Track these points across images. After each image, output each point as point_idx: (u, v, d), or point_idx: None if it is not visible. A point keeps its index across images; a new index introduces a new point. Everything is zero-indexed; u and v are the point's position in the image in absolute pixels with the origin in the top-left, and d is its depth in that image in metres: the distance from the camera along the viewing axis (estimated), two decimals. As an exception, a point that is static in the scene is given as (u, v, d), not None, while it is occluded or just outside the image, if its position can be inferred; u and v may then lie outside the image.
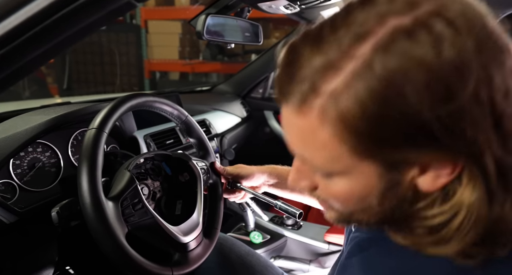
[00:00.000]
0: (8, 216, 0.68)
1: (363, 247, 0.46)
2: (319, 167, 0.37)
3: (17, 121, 0.76)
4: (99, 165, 0.58)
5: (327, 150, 0.34)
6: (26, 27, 0.39)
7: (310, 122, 0.33)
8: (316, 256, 1.32)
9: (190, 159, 0.79)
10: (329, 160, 0.35)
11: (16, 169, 0.77)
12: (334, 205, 0.41)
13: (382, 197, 0.36)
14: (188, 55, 4.44)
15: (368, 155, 0.33)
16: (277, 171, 0.86)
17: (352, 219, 0.41)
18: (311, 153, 0.36)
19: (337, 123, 0.32)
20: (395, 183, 0.35)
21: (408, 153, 0.32)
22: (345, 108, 0.31)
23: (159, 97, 0.74)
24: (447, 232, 0.34)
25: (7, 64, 0.41)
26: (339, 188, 0.37)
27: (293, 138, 0.37)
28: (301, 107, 0.33)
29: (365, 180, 0.35)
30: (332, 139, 0.33)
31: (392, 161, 0.33)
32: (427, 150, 0.31)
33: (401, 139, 0.31)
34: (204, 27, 0.98)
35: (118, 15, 0.45)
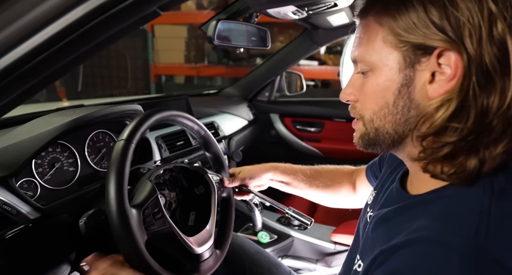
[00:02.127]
0: (32, 212, 0.71)
1: (387, 218, 0.51)
2: (364, 59, 0.49)
3: (40, 123, 0.80)
4: (126, 175, 0.61)
5: (371, 41, 0.47)
6: (63, 35, 0.42)
7: (368, 22, 0.48)
8: (323, 256, 1.34)
9: (206, 173, 0.82)
10: (372, 50, 0.47)
11: (38, 168, 0.80)
12: (362, 111, 0.51)
13: (398, 93, 0.46)
14: (193, 59, 4.49)
15: (395, 45, 0.45)
16: (280, 168, 0.91)
17: (373, 131, 0.50)
18: (363, 48, 0.49)
19: (381, 18, 0.46)
20: (410, 79, 0.45)
21: (422, 39, 0.42)
22: (388, 9, 0.45)
23: (181, 112, 0.77)
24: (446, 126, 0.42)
25: (46, 68, 0.44)
26: (370, 83, 0.49)
27: (356, 42, 0.51)
28: (367, 13, 0.48)
29: (389, 73, 0.46)
30: (377, 31, 0.47)
31: (411, 52, 0.44)
32: (440, 38, 0.41)
33: (420, 27, 0.42)
34: (215, 33, 1.01)
35: (144, 22, 0.48)
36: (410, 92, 0.45)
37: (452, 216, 0.40)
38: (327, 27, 1.55)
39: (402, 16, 0.44)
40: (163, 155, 1.19)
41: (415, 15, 0.43)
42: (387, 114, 0.48)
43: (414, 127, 0.46)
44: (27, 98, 0.51)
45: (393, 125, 0.48)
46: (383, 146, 0.51)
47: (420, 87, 0.45)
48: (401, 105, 0.46)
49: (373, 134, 0.50)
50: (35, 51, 0.43)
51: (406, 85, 0.45)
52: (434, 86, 0.44)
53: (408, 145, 0.49)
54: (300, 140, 1.99)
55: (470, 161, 0.42)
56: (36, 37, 0.42)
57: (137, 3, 0.43)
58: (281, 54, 1.84)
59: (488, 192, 0.40)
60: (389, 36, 0.45)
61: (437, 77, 0.43)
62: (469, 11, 0.40)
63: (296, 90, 1.99)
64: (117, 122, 0.98)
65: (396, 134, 0.48)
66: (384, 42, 0.46)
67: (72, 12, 0.41)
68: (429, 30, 0.42)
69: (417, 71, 0.45)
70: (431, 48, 0.43)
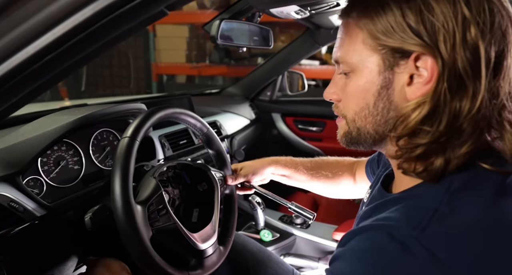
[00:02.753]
0: (39, 209, 0.72)
1: (365, 215, 0.52)
2: (345, 60, 0.50)
3: (45, 121, 0.81)
4: (131, 172, 0.62)
5: (352, 43, 0.48)
6: (71, 35, 0.43)
7: (348, 23, 0.49)
8: (325, 254, 1.35)
9: (209, 170, 0.83)
10: (352, 51, 0.48)
11: (44, 166, 0.81)
12: (345, 110, 0.52)
13: (378, 95, 0.47)
14: (195, 59, 4.50)
15: (375, 48, 0.46)
16: (281, 162, 0.92)
17: (355, 131, 0.51)
18: (344, 49, 0.50)
19: (360, 21, 0.47)
20: (389, 82, 0.46)
21: (400, 43, 0.43)
22: (367, 11, 0.46)
23: (184, 109, 0.78)
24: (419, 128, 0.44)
25: (53, 67, 0.45)
26: (351, 84, 0.50)
27: (338, 42, 0.52)
28: (348, 14, 0.49)
29: (369, 75, 0.47)
30: (356, 34, 0.48)
31: (390, 55, 0.45)
32: (416, 42, 0.42)
33: (397, 30, 0.43)
34: (218, 32, 1.02)
35: (151, 22, 0.49)
36: (390, 94, 0.47)
37: (409, 210, 0.43)
38: (329, 26, 1.55)
39: (380, 19, 0.45)
40: (166, 154, 1.20)
41: (392, 19, 0.44)
42: (367, 115, 0.49)
43: (393, 128, 0.48)
44: (34, 97, 0.52)
45: (374, 126, 0.49)
46: (365, 144, 0.52)
47: (399, 89, 0.46)
48: (381, 107, 0.48)
49: (355, 133, 0.52)
50: (43, 51, 0.44)
51: (386, 87, 0.47)
52: (412, 89, 0.45)
53: (388, 143, 0.51)
54: (301, 139, 2.00)
55: (437, 160, 0.43)
56: (45, 37, 0.43)
57: (144, 3, 0.43)
58: (283, 53, 1.85)
59: (445, 190, 0.42)
60: (368, 39, 0.46)
61: (415, 79, 0.45)
62: (444, 16, 0.41)
63: (298, 89, 2.00)
64: (121, 121, 0.99)
65: (376, 134, 0.50)
66: (364, 44, 0.47)
67: (81, 13, 0.42)
68: (406, 34, 0.43)
69: (396, 73, 0.46)
70: (409, 52, 0.44)
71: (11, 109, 0.52)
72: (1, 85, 0.46)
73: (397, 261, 0.38)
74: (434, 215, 0.40)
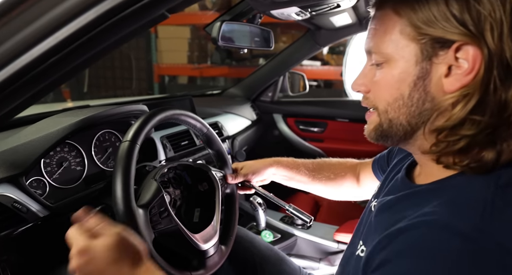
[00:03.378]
0: (42, 210, 0.73)
1: (390, 205, 0.52)
2: (379, 50, 0.49)
3: (48, 123, 0.82)
4: (132, 175, 0.63)
5: (388, 32, 0.47)
6: (74, 38, 0.44)
7: (385, 13, 0.48)
8: (326, 255, 1.35)
9: (210, 170, 0.83)
10: (388, 41, 0.47)
11: (47, 167, 0.82)
12: (376, 101, 0.51)
13: (414, 86, 0.46)
14: (196, 60, 4.51)
15: (413, 37, 0.45)
16: (283, 162, 0.91)
17: (386, 123, 0.50)
18: (379, 39, 0.49)
19: (399, 9, 0.46)
20: (426, 72, 0.45)
21: (442, 32, 0.42)
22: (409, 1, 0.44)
23: (184, 110, 0.78)
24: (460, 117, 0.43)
25: (57, 70, 0.46)
26: (384, 75, 0.49)
27: (370, 33, 0.51)
28: (384, 3, 0.48)
29: (405, 65, 0.46)
30: (394, 23, 0.46)
31: (429, 45, 0.44)
32: (459, 32, 0.41)
33: (440, 20, 0.42)
34: (219, 34, 1.02)
35: (152, 25, 0.50)
36: (426, 85, 0.46)
37: (458, 203, 0.41)
38: (330, 27, 1.56)
39: (422, 8, 0.44)
40: (168, 155, 1.21)
41: (435, 8, 0.43)
42: (401, 106, 0.48)
43: (427, 120, 0.47)
44: (38, 99, 0.53)
45: (407, 117, 0.48)
46: (394, 138, 0.51)
47: (436, 81, 0.45)
48: (416, 97, 0.47)
49: (387, 125, 0.51)
50: (47, 53, 0.44)
51: (422, 78, 0.46)
52: (450, 80, 0.44)
53: (419, 137, 0.49)
54: (303, 140, 2.00)
55: (488, 153, 0.42)
56: (49, 40, 0.44)
57: (146, 6, 0.44)
58: (284, 54, 1.86)
59: (494, 184, 0.41)
60: (407, 28, 0.45)
61: (453, 71, 0.44)
62: (491, 5, 0.40)
63: (299, 90, 2.00)
64: (123, 122, 0.99)
65: (409, 126, 0.49)
66: (402, 34, 0.46)
67: (83, 16, 0.42)
68: (449, 24, 0.42)
69: (434, 64, 0.45)
70: (450, 41, 0.43)
71: (15, 111, 0.52)
72: (6, 87, 0.47)
73: (464, 255, 0.36)
74: (492, 207, 0.39)
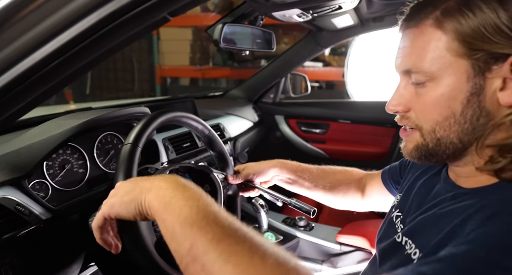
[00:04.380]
0: (44, 213, 0.73)
1: (441, 200, 0.50)
2: (422, 69, 0.46)
3: (51, 125, 0.82)
4: (133, 177, 0.63)
5: (431, 50, 0.45)
6: (77, 41, 0.44)
7: (424, 29, 0.45)
8: (328, 257, 1.34)
9: (212, 171, 0.83)
10: (432, 59, 0.45)
11: (49, 170, 0.82)
12: (420, 121, 0.49)
13: (467, 102, 0.44)
14: (198, 61, 4.52)
15: (462, 53, 0.43)
16: (286, 165, 0.89)
17: (433, 142, 0.48)
18: (419, 57, 0.46)
19: (443, 24, 0.44)
20: (480, 88, 0.43)
21: (498, 47, 0.41)
22: (450, 12, 0.43)
23: (185, 112, 0.78)
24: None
25: (60, 73, 0.46)
26: (431, 94, 0.46)
27: (406, 51, 0.48)
28: (421, 20, 0.46)
29: (455, 82, 0.44)
30: (438, 39, 0.44)
31: (482, 61, 0.42)
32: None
33: (493, 33, 0.40)
34: (221, 36, 1.03)
35: (154, 28, 0.50)
36: (480, 101, 0.44)
37: None
38: (331, 29, 1.56)
39: (469, 22, 0.42)
40: (170, 157, 1.21)
41: (486, 21, 0.41)
42: (452, 124, 0.46)
43: (481, 136, 0.45)
44: (41, 102, 0.53)
45: (459, 134, 0.46)
46: (441, 156, 0.49)
47: (490, 95, 0.43)
48: (470, 114, 0.44)
49: (433, 145, 0.48)
50: (50, 57, 0.45)
51: (476, 94, 0.44)
52: (507, 93, 0.42)
53: (470, 153, 0.47)
54: (305, 141, 2.00)
55: None
56: (51, 44, 0.44)
57: (147, 10, 0.44)
58: (286, 56, 1.86)
59: None
60: (454, 44, 0.43)
61: (509, 83, 0.42)
62: None
63: (301, 92, 2.00)
64: (125, 125, 1.00)
65: (460, 143, 0.47)
66: (448, 50, 0.44)
67: (86, 19, 0.42)
68: (504, 37, 0.40)
69: (487, 79, 0.43)
70: (506, 55, 0.41)
71: (18, 113, 0.53)
72: (9, 90, 0.47)
73: None
74: None
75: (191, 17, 4.19)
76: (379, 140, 1.87)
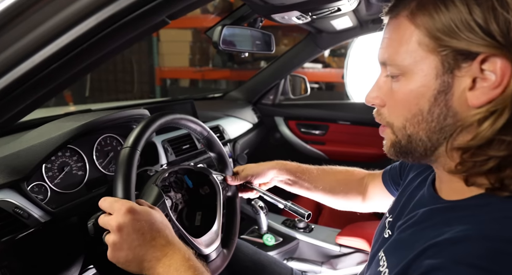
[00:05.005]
0: (43, 215, 0.73)
1: (421, 220, 0.49)
2: (395, 62, 0.45)
3: (50, 128, 0.82)
4: (132, 182, 0.62)
5: (404, 43, 0.44)
6: (76, 44, 0.44)
7: (400, 21, 0.45)
8: (328, 258, 1.34)
9: (211, 173, 0.83)
10: (405, 53, 0.44)
11: (48, 172, 0.82)
12: (391, 118, 0.49)
13: (434, 100, 0.43)
14: (198, 63, 4.52)
15: (433, 49, 0.42)
16: (286, 166, 0.88)
17: (405, 139, 0.47)
18: (394, 49, 0.45)
19: (416, 18, 0.43)
20: (448, 86, 0.42)
21: (466, 45, 0.39)
22: (424, 7, 0.42)
23: (184, 114, 0.78)
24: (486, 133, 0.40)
25: (59, 75, 0.46)
26: (402, 89, 0.46)
27: (385, 43, 0.48)
28: (399, 11, 0.45)
29: (424, 78, 0.43)
30: (411, 33, 0.43)
31: (451, 58, 0.41)
32: (485, 43, 0.38)
33: (462, 30, 0.39)
34: (220, 38, 1.03)
35: (153, 31, 0.50)
36: (448, 100, 0.42)
37: (499, 221, 0.39)
38: (331, 31, 1.56)
39: (441, 17, 0.40)
40: (169, 159, 1.21)
41: (457, 16, 0.39)
42: (420, 122, 0.45)
43: (450, 136, 0.44)
44: (40, 105, 0.53)
45: (427, 132, 0.45)
46: (415, 154, 0.48)
47: (458, 94, 0.42)
48: (437, 113, 0.43)
49: (405, 141, 0.48)
50: (49, 60, 0.45)
51: (444, 92, 0.42)
52: (475, 94, 0.40)
53: (441, 154, 0.46)
54: (304, 142, 2.00)
55: None
56: (50, 47, 0.44)
57: (146, 13, 0.44)
58: (286, 57, 1.86)
59: None
60: (425, 39, 0.42)
61: (478, 83, 0.40)
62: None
63: (301, 93, 2.00)
64: (125, 127, 0.99)
65: (429, 142, 0.46)
66: (420, 45, 0.43)
67: (84, 23, 0.43)
68: (474, 34, 0.38)
69: (457, 77, 0.41)
70: (475, 53, 0.39)
71: (17, 116, 0.53)
72: (9, 93, 0.47)
73: None
74: None
75: (191, 19, 4.19)
76: (379, 141, 1.84)
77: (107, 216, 0.57)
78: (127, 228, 0.54)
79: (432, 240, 0.41)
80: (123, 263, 0.54)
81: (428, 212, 0.49)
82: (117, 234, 0.54)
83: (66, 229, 0.80)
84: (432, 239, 0.41)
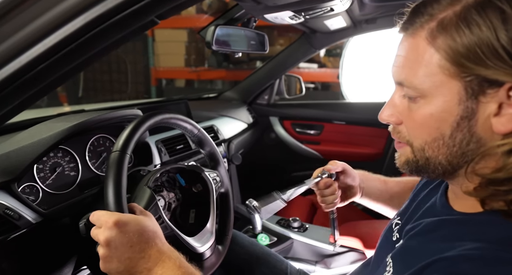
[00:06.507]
0: (34, 216, 0.72)
1: (430, 229, 0.47)
2: (413, 85, 0.43)
3: (41, 128, 0.81)
4: (123, 185, 0.62)
5: (423, 65, 0.41)
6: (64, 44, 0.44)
7: (419, 41, 0.42)
8: (322, 258, 1.35)
9: (203, 171, 0.83)
10: (424, 76, 0.41)
11: (39, 173, 0.82)
12: (411, 138, 0.46)
13: (457, 126, 0.41)
14: (194, 63, 4.52)
15: (456, 74, 0.39)
16: (367, 177, 0.85)
17: (423, 160, 0.45)
18: (411, 71, 0.43)
19: (436, 40, 0.40)
20: (472, 112, 0.40)
21: (493, 73, 0.37)
22: (444, 27, 0.39)
23: (173, 113, 0.78)
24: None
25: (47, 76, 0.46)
26: (421, 112, 0.43)
27: (400, 62, 0.45)
28: (417, 30, 0.42)
29: (446, 104, 0.41)
30: (431, 56, 0.40)
31: (475, 84, 0.38)
32: (511, 72, 0.36)
33: (488, 56, 0.36)
34: (213, 38, 1.03)
35: (143, 31, 0.50)
36: (471, 126, 0.40)
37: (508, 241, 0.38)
38: (325, 31, 1.56)
39: (464, 40, 0.37)
40: (163, 159, 1.20)
41: (482, 41, 0.36)
42: (441, 146, 0.43)
43: (471, 160, 0.42)
44: (29, 105, 0.53)
45: (448, 157, 0.43)
46: (432, 174, 0.46)
47: (483, 120, 0.40)
48: (460, 138, 0.41)
49: (423, 162, 0.46)
50: (37, 60, 0.44)
51: (467, 118, 0.40)
52: (501, 120, 0.39)
53: (460, 175, 0.45)
54: (299, 142, 2.00)
55: None
56: (38, 47, 0.44)
57: (134, 13, 0.44)
58: (280, 57, 1.86)
59: None
60: (447, 64, 0.39)
61: (504, 109, 0.38)
62: None
63: (296, 93, 2.01)
64: (117, 127, 0.99)
65: (449, 165, 0.44)
66: (440, 68, 0.40)
67: (72, 23, 0.42)
68: (502, 61, 0.36)
69: (481, 103, 0.39)
70: (502, 81, 0.37)
71: (4, 117, 0.52)
72: (-5, 94, 0.47)
73: None
74: None
75: (186, 19, 4.19)
76: (373, 141, 1.88)
77: (96, 229, 0.58)
78: (114, 242, 0.54)
79: (442, 254, 0.39)
80: (115, 274, 0.55)
81: (439, 222, 0.47)
82: (105, 248, 0.54)
83: (58, 230, 0.79)
84: (441, 253, 0.40)
